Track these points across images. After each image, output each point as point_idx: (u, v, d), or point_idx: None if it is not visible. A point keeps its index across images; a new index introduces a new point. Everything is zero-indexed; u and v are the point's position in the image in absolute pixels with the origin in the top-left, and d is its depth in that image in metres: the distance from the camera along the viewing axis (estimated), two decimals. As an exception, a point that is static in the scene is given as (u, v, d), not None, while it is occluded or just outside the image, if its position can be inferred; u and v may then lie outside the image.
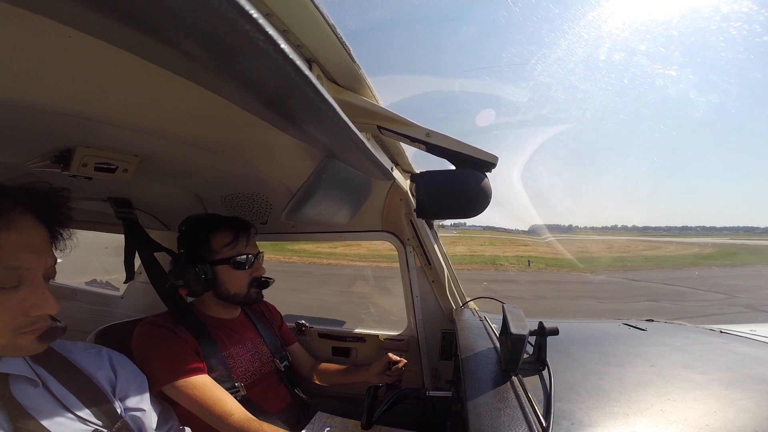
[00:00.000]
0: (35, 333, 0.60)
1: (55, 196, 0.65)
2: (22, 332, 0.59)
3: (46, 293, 0.60)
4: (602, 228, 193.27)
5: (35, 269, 0.60)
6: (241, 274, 1.11)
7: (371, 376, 1.17)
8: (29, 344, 0.60)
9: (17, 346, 0.60)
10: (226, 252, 1.08)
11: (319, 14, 0.53)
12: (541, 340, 0.75)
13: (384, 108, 0.80)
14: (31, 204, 0.61)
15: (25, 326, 0.59)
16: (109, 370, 0.78)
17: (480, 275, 14.26)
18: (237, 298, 1.12)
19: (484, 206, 0.88)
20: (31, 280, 0.59)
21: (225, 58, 0.30)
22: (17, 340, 0.59)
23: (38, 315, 0.60)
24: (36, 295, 0.59)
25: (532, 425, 0.53)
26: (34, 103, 0.53)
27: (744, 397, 0.60)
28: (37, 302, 0.59)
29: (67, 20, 0.28)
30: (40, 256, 0.61)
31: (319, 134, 0.55)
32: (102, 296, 1.98)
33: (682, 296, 10.14)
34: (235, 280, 1.10)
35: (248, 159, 0.95)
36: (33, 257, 0.60)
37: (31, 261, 0.59)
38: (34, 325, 0.60)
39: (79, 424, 0.66)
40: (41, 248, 0.62)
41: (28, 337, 0.60)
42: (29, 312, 0.59)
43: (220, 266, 1.08)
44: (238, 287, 1.11)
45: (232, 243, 1.09)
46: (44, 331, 0.61)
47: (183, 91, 0.54)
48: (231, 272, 1.09)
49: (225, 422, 0.88)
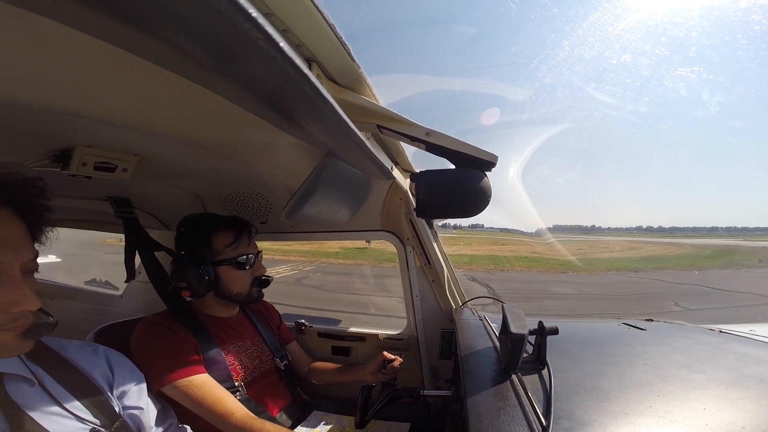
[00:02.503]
0: (17, 330, 0.58)
1: (30, 188, 0.62)
2: (4, 329, 0.57)
3: (24, 289, 0.58)
4: (626, 228, 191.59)
5: (12, 264, 0.58)
6: (243, 273, 1.11)
7: (367, 375, 1.17)
8: (12, 341, 0.59)
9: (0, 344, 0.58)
10: (228, 252, 1.08)
11: (319, 14, 0.53)
12: (541, 340, 0.75)
13: (384, 107, 0.80)
14: (4, 197, 0.59)
15: (6, 323, 0.57)
16: (106, 368, 0.77)
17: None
18: (239, 298, 1.13)
19: (484, 206, 0.88)
20: (8, 276, 0.57)
21: (225, 57, 0.30)
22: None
23: (18, 311, 0.58)
24: (14, 291, 0.57)
25: (532, 424, 0.53)
26: (34, 102, 0.53)
27: (744, 397, 0.60)
28: (15, 299, 0.57)
29: (66, 20, 0.28)
30: (17, 251, 0.59)
31: (319, 133, 0.55)
32: (101, 296, 1.98)
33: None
34: (237, 280, 1.10)
35: (248, 158, 0.95)
36: (8, 252, 0.58)
37: (5, 256, 0.57)
38: (15, 322, 0.58)
39: (77, 423, 0.65)
40: (17, 242, 0.60)
41: (10, 334, 0.58)
42: (8, 309, 0.57)
43: (222, 267, 1.08)
44: (240, 287, 1.11)
45: (234, 243, 1.09)
46: (27, 328, 0.59)
47: (183, 90, 0.54)
48: (233, 272, 1.09)
49: (227, 421, 0.88)
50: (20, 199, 0.61)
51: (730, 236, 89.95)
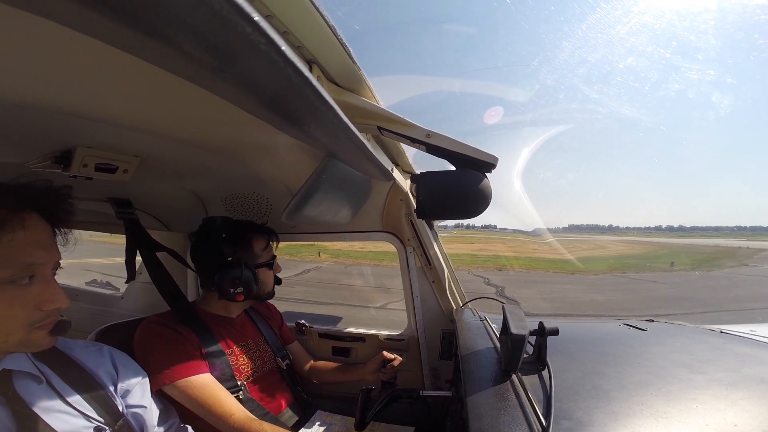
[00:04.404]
0: (47, 327, 0.62)
1: (57, 194, 0.66)
2: (36, 327, 0.60)
3: (58, 288, 0.62)
4: (645, 228, 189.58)
5: (46, 265, 0.62)
6: (272, 274, 1.22)
7: (367, 374, 1.19)
8: (42, 339, 0.62)
9: (31, 342, 0.61)
10: (265, 255, 1.18)
11: (320, 15, 0.53)
12: (541, 340, 0.75)
13: (384, 109, 0.80)
14: (34, 202, 0.63)
15: (39, 321, 0.60)
16: (111, 367, 0.79)
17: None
18: (267, 296, 1.22)
19: (484, 207, 0.88)
20: (42, 276, 0.61)
21: (226, 59, 0.30)
22: (32, 335, 0.60)
23: (51, 309, 0.61)
24: (48, 289, 0.61)
25: (532, 425, 0.53)
26: (34, 103, 0.53)
27: (744, 397, 0.60)
28: (50, 297, 0.61)
29: (67, 21, 0.28)
30: (49, 252, 0.63)
31: (320, 135, 0.56)
32: (102, 296, 1.98)
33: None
34: (269, 280, 1.20)
35: (249, 159, 0.95)
36: (43, 253, 0.61)
37: (42, 257, 0.61)
38: (47, 320, 0.61)
39: (82, 421, 0.66)
40: (49, 244, 0.64)
41: (41, 332, 0.61)
42: (43, 306, 0.60)
43: (261, 269, 1.16)
44: (269, 286, 1.21)
45: (268, 247, 1.20)
46: (55, 326, 0.63)
47: (183, 91, 0.54)
48: (267, 273, 1.19)
49: (225, 422, 0.89)
50: (48, 204, 0.65)
51: (709, 236, 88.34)
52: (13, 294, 0.57)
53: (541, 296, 10.53)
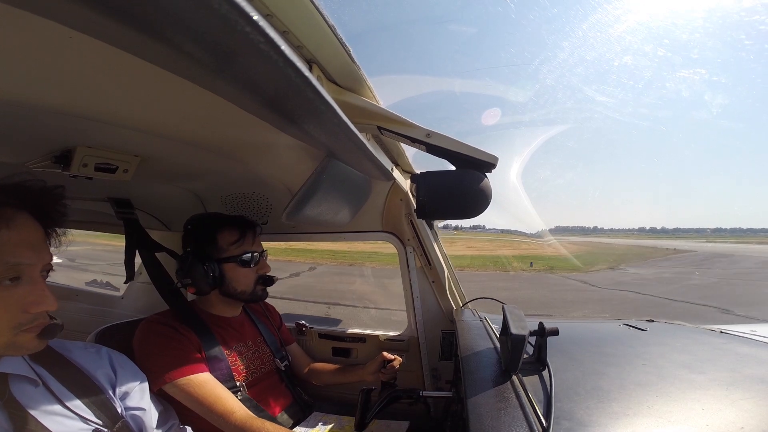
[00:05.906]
0: (35, 330, 0.60)
1: (50, 194, 0.65)
2: (23, 330, 0.59)
3: (45, 290, 0.61)
4: (629, 230, 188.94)
5: (34, 266, 0.60)
6: (248, 271, 1.12)
7: (366, 375, 1.18)
8: (29, 342, 0.60)
9: (17, 344, 0.59)
10: (233, 250, 1.09)
11: (319, 15, 0.53)
12: (542, 341, 0.75)
13: (384, 108, 0.80)
14: (26, 202, 0.61)
15: (26, 323, 0.59)
16: (109, 369, 0.78)
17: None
18: (243, 296, 1.13)
19: (484, 207, 0.88)
20: (30, 277, 0.60)
21: (225, 59, 0.30)
22: (18, 338, 0.59)
23: (38, 312, 0.60)
24: (35, 291, 0.59)
25: (532, 425, 0.53)
26: (34, 103, 0.53)
27: (744, 397, 0.60)
28: (37, 299, 0.59)
29: (67, 21, 0.28)
30: (38, 253, 0.61)
31: (320, 135, 0.56)
32: (102, 297, 1.98)
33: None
34: (241, 277, 1.11)
35: (248, 159, 0.95)
36: (32, 254, 0.60)
37: (29, 257, 0.59)
38: (34, 323, 0.60)
39: (80, 423, 0.65)
40: (38, 245, 0.62)
41: (28, 335, 0.59)
42: (29, 309, 0.59)
43: (227, 264, 1.09)
44: (244, 285, 1.12)
45: (239, 241, 1.10)
46: (43, 329, 0.61)
47: (183, 91, 0.54)
48: (238, 270, 1.10)
49: (226, 421, 0.88)
50: (40, 205, 0.63)
51: (673, 237, 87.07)
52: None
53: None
